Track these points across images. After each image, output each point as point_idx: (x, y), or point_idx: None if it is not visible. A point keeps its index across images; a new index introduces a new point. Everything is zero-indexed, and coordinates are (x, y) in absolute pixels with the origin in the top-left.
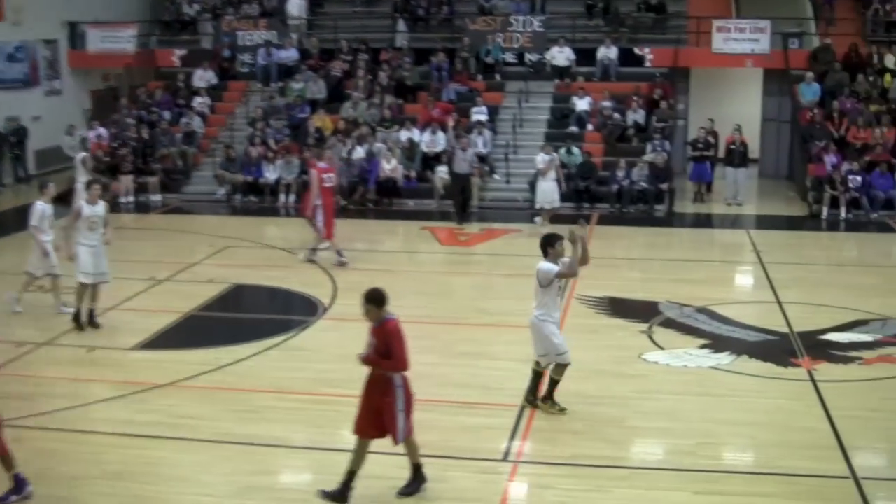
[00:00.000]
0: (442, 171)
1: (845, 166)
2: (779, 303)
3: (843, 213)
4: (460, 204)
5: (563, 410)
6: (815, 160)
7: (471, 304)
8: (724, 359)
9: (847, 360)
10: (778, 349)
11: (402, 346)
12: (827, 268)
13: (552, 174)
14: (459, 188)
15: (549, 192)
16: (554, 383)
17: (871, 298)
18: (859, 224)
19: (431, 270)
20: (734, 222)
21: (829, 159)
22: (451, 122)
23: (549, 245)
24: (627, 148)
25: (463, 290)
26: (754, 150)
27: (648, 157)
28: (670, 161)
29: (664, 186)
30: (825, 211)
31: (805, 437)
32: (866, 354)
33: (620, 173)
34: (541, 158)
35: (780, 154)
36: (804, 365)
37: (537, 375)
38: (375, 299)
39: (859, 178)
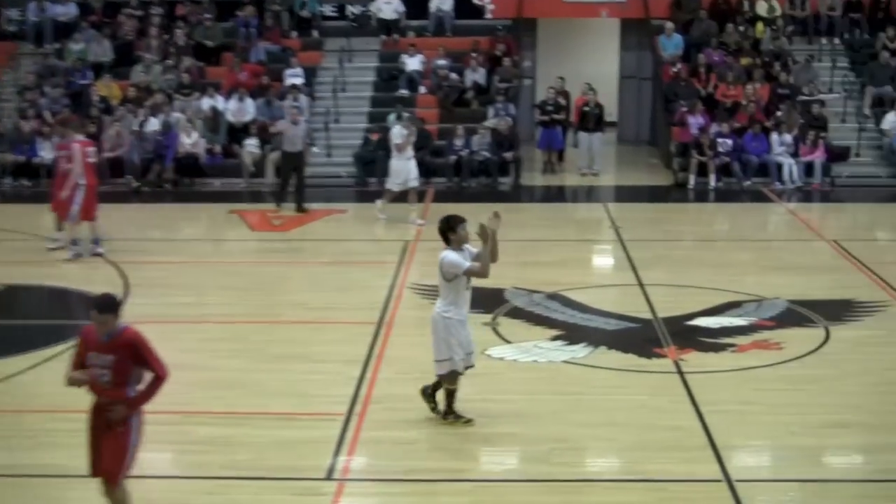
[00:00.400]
0: (251, 145)
1: (714, 128)
2: (641, 285)
3: (712, 181)
4: (295, 186)
5: (468, 422)
6: (680, 122)
7: (287, 299)
8: (580, 351)
9: (718, 348)
10: (640, 338)
11: (154, 351)
12: (695, 244)
13: (410, 151)
14: (292, 169)
15: (403, 171)
16: (450, 393)
17: (745, 277)
18: (731, 193)
19: (241, 261)
20: (589, 195)
21: (696, 121)
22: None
23: (449, 230)
24: (466, 113)
25: (278, 283)
26: (611, 113)
27: (490, 122)
28: (516, 127)
29: (509, 156)
30: (692, 179)
31: (672, 437)
32: (740, 340)
33: (459, 142)
34: (398, 132)
35: (640, 116)
36: (670, 355)
37: (440, 383)
38: (114, 306)
39: (730, 142)
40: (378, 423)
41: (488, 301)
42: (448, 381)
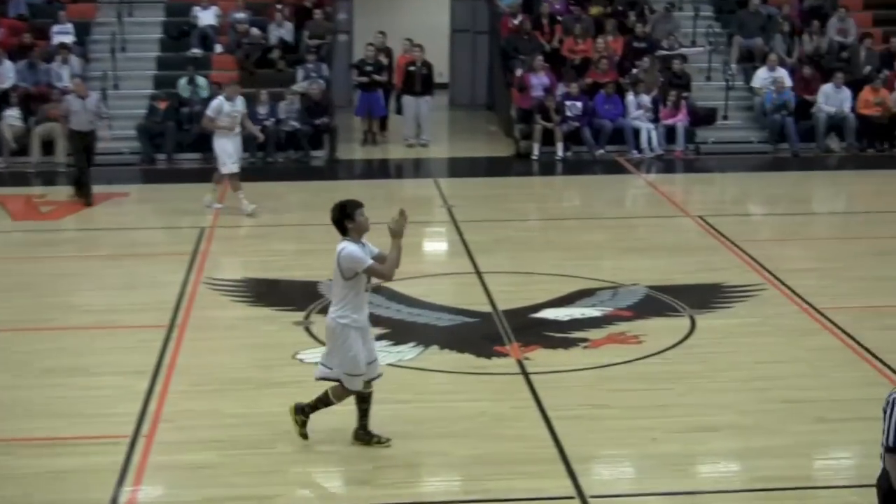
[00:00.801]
0: (12, 117)
1: (560, 90)
2: (478, 273)
3: (559, 150)
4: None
5: (385, 442)
6: (521, 83)
7: (58, 301)
8: (408, 352)
9: (568, 344)
10: (478, 335)
11: None
12: (541, 224)
13: (238, 128)
14: (82, 150)
15: (238, 149)
16: (320, 403)
17: (599, 261)
18: (581, 164)
19: (1, 256)
20: (417, 169)
21: (539, 81)
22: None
23: (346, 217)
24: (271, 75)
25: (47, 282)
26: (442, 73)
27: (300, 86)
28: (330, 91)
29: (322, 123)
30: (536, 149)
31: (517, 449)
32: (593, 335)
33: (262, 110)
34: (228, 107)
35: (476, 77)
36: (513, 354)
37: (362, 399)
38: None
39: (579, 105)
40: (170, 446)
41: (299, 296)
42: (338, 395)
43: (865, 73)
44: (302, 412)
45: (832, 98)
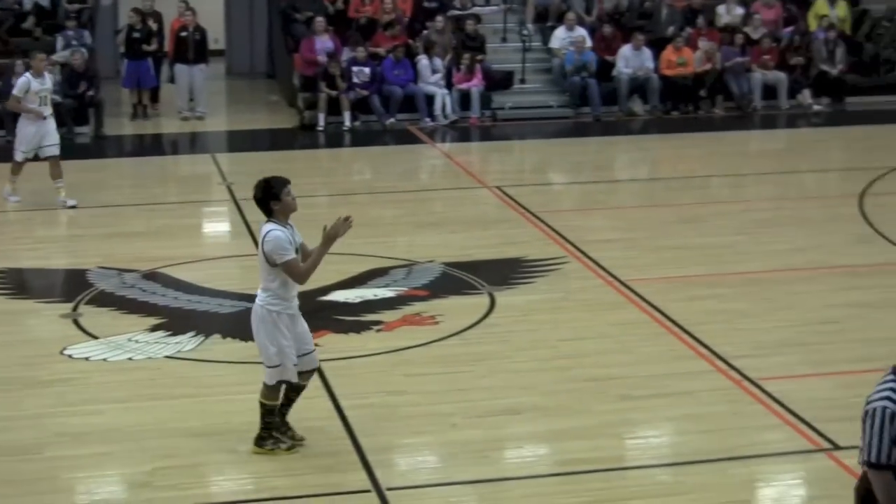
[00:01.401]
0: None
1: (346, 54)
2: None
3: (347, 120)
4: None
5: (298, 442)
6: (304, 48)
7: None
8: (187, 343)
9: (360, 328)
10: None
11: None
12: (329, 199)
13: (49, 109)
14: None
15: (38, 134)
16: (283, 408)
17: (392, 237)
18: (371, 134)
19: None
20: (193, 144)
21: (323, 45)
22: None
23: (271, 197)
24: (26, 44)
25: None
26: (217, 39)
27: (60, 56)
28: (94, 61)
29: (87, 96)
30: (322, 119)
31: (311, 441)
32: (386, 317)
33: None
34: (36, 85)
35: (255, 42)
36: None
37: (293, 388)
38: None
39: (367, 71)
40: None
41: (66, 286)
42: (268, 395)
43: (669, 34)
44: (266, 435)
45: (632, 60)
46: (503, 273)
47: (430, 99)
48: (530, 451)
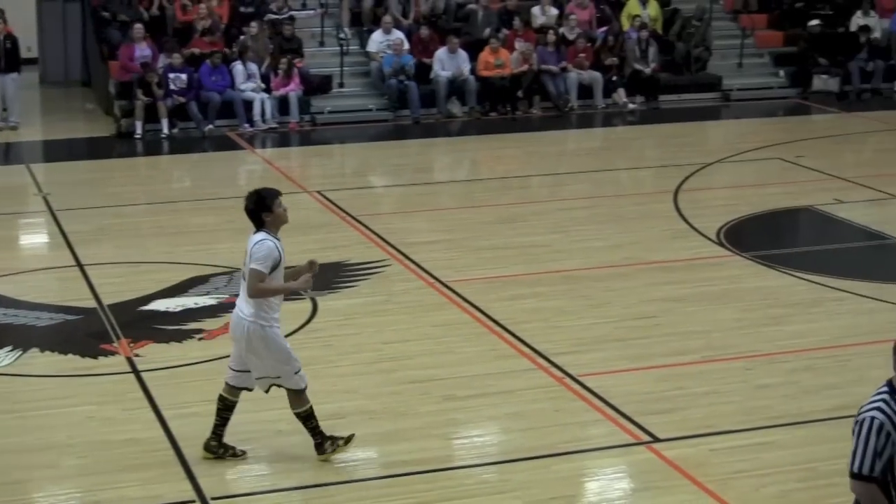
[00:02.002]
0: None
1: (162, 60)
2: (80, 266)
3: (165, 127)
4: None
5: (349, 439)
6: (122, 56)
7: None
8: (4, 358)
9: (182, 336)
10: (83, 333)
11: None
12: (148, 208)
13: None
14: None
15: None
16: (313, 421)
17: (213, 245)
18: (190, 141)
19: None
20: (7, 155)
21: (140, 52)
22: None
23: (263, 209)
24: None
25: None
26: (30, 46)
27: None
28: None
29: None
30: (139, 127)
31: (130, 454)
32: (209, 325)
33: None
34: None
35: (69, 49)
36: (122, 351)
37: (227, 407)
38: None
39: (184, 77)
40: None
41: None
42: (299, 402)
43: (485, 35)
44: (320, 440)
45: (447, 63)
46: (325, 277)
47: (248, 104)
48: (355, 455)
